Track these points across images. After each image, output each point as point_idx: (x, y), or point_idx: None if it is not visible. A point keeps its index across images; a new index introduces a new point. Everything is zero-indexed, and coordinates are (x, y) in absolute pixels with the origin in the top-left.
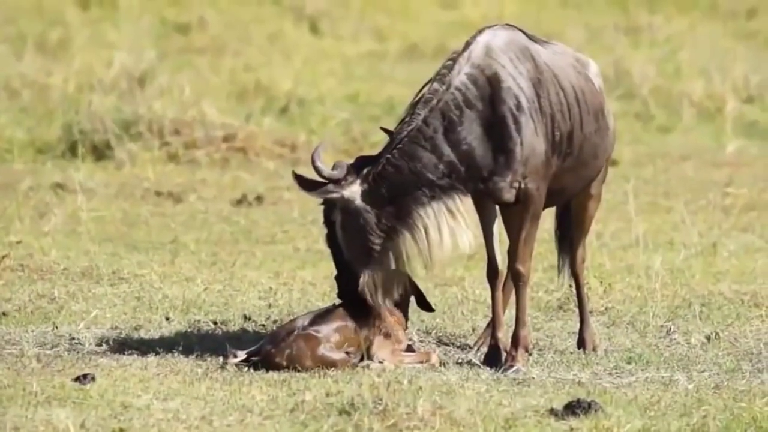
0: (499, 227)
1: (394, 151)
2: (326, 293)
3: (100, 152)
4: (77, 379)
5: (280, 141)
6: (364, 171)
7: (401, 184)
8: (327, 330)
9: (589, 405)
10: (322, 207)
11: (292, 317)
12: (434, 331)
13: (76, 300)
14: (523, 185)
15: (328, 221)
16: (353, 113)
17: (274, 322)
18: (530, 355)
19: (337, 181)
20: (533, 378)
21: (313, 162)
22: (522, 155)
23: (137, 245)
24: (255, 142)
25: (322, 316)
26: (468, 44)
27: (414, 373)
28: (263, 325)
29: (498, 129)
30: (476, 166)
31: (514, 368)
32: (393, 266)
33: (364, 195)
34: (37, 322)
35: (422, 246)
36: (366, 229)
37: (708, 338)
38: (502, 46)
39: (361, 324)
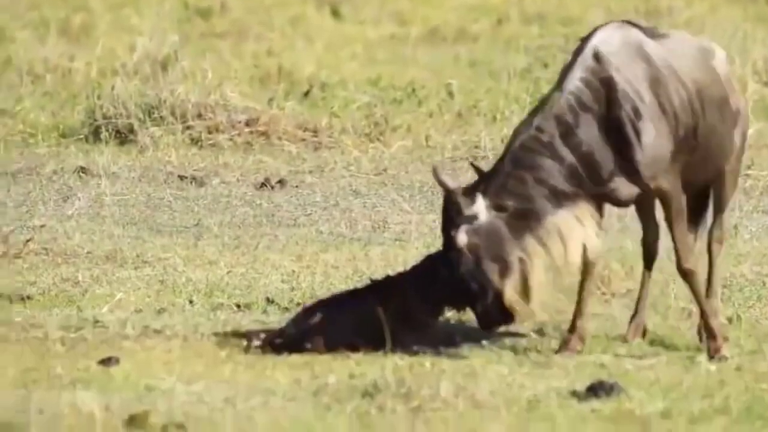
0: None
1: (512, 161)
2: (349, 276)
3: (124, 136)
4: (102, 362)
5: (302, 125)
6: (484, 187)
7: (526, 194)
8: (350, 313)
9: (611, 387)
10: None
11: (315, 300)
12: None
13: (100, 283)
14: (653, 186)
15: (454, 249)
16: (375, 97)
17: (297, 304)
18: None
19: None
20: (555, 360)
21: (437, 176)
22: (645, 159)
23: (161, 229)
24: (277, 126)
25: (345, 299)
26: (580, 48)
27: (436, 356)
28: (286, 308)
29: (616, 134)
30: (596, 168)
31: (721, 355)
32: (530, 278)
33: (489, 210)
34: (61, 306)
35: (556, 254)
36: (499, 244)
37: (729, 320)
38: (615, 48)
39: (385, 308)
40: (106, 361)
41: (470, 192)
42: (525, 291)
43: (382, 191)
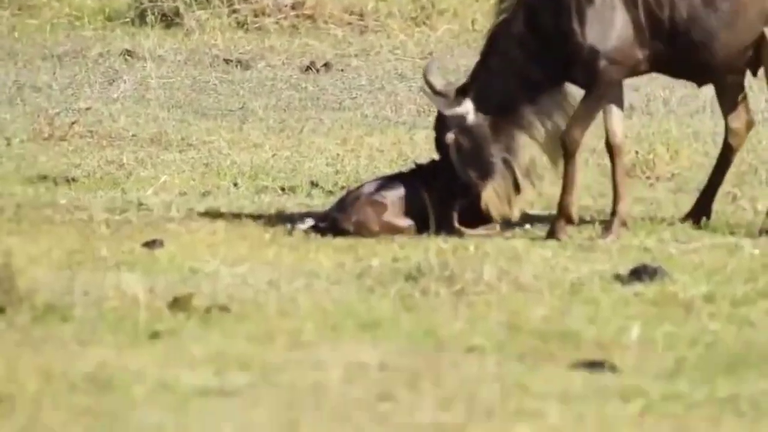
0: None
1: (489, 56)
2: (393, 160)
3: (169, 19)
4: (146, 244)
5: (348, 8)
6: (470, 85)
7: (506, 89)
8: (394, 196)
9: (655, 270)
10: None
11: (359, 183)
12: None
13: (145, 166)
14: (593, 68)
15: (443, 145)
16: None
17: (342, 188)
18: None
19: (448, 99)
20: (599, 244)
21: (426, 76)
22: (588, 43)
23: (206, 112)
24: (324, 10)
25: (389, 183)
26: None
27: (480, 240)
28: (330, 192)
29: (566, 20)
30: (555, 55)
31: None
32: (517, 173)
33: (476, 108)
34: (106, 188)
35: (544, 144)
36: (486, 141)
37: None
38: None
39: (429, 191)
40: (150, 244)
41: (461, 92)
42: (507, 192)
43: None
